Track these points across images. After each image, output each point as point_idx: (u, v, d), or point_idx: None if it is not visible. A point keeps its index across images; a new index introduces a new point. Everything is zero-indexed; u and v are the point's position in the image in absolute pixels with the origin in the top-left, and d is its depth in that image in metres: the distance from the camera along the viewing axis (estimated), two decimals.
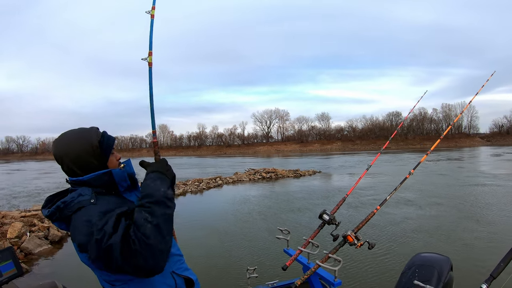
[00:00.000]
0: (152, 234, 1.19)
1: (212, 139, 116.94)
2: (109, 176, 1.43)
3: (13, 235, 7.09)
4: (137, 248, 1.15)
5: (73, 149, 1.41)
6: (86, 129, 1.48)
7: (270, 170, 22.89)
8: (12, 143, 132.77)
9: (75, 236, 1.28)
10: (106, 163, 1.48)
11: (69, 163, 1.41)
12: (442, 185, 15.06)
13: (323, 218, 2.42)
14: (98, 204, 1.32)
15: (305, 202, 12.00)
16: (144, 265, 1.17)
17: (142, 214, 1.24)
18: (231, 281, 5.04)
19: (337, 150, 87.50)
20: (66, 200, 1.35)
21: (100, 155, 1.45)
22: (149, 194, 1.31)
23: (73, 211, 1.31)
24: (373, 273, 5.18)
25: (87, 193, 1.36)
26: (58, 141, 1.46)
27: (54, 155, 1.45)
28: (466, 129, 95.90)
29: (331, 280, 2.25)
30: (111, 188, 1.44)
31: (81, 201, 1.32)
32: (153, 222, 1.22)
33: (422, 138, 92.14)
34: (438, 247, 6.31)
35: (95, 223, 1.22)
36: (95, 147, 1.43)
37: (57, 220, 1.37)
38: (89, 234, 1.21)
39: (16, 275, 2.01)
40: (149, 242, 1.17)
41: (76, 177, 1.42)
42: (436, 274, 2.24)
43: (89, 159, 1.42)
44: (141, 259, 1.16)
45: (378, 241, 6.47)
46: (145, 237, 1.17)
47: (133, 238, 1.16)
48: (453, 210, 9.63)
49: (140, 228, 1.19)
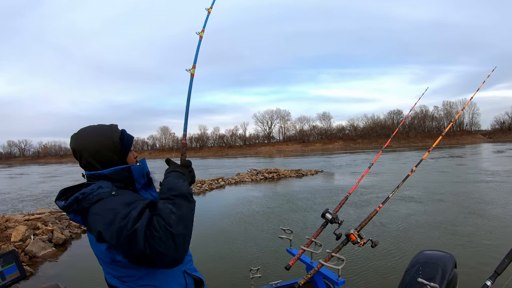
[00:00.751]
0: (175, 224, 1.21)
1: (214, 140, 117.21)
2: (128, 171, 1.47)
3: (17, 238, 7.11)
4: (161, 236, 1.17)
5: (94, 143, 1.45)
6: (106, 126, 1.53)
7: (272, 170, 22.87)
8: (14, 147, 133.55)
9: (95, 225, 1.28)
10: (126, 159, 1.52)
11: (89, 157, 1.45)
12: (444, 182, 15.02)
13: (326, 217, 2.42)
14: (119, 196, 1.35)
15: (308, 201, 11.98)
16: (167, 253, 1.18)
17: (166, 205, 1.27)
18: (234, 282, 5.03)
19: (339, 149, 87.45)
20: (86, 191, 1.36)
21: (121, 151, 1.49)
22: (172, 188, 1.35)
23: (92, 202, 1.33)
24: (377, 271, 5.16)
25: (108, 186, 1.39)
26: (78, 135, 1.50)
27: (73, 149, 1.48)
28: (468, 126, 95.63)
29: (335, 279, 2.25)
30: (128, 184, 1.48)
31: (101, 193, 1.35)
32: (176, 213, 1.24)
33: (423, 136, 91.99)
34: (441, 244, 6.29)
35: (119, 211, 1.24)
36: (116, 143, 1.48)
37: (73, 212, 1.39)
38: (112, 222, 1.23)
39: (19, 278, 2.00)
40: (173, 231, 1.19)
41: (95, 171, 1.45)
42: (440, 272, 2.24)
43: (109, 154, 1.46)
44: (164, 247, 1.17)
45: (381, 239, 6.45)
46: (169, 226, 1.20)
47: (157, 226, 1.19)
48: (456, 207, 9.60)
49: (164, 218, 1.21)
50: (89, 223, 1.34)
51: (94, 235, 1.30)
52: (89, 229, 1.35)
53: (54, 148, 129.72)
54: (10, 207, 14.21)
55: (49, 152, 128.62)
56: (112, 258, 1.28)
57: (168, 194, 1.32)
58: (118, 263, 1.30)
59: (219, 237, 7.71)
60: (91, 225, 1.32)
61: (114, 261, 1.30)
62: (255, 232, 8.08)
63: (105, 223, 1.25)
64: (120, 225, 1.20)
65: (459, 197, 11.14)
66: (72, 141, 1.49)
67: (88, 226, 1.35)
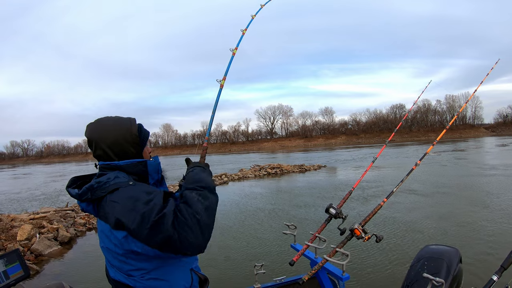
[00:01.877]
0: (202, 212, 1.24)
1: (216, 136, 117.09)
2: (144, 166, 1.47)
3: (23, 237, 7.16)
4: (189, 223, 1.19)
5: (112, 134, 1.44)
6: (125, 118, 1.53)
7: (275, 166, 22.88)
8: (17, 147, 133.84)
9: (112, 213, 1.26)
10: (142, 153, 1.53)
11: (106, 147, 1.43)
12: (448, 176, 14.97)
13: (330, 212, 2.40)
14: (138, 186, 1.34)
15: (311, 197, 11.99)
16: (193, 240, 1.19)
17: (193, 194, 1.30)
18: (238, 278, 5.02)
19: (342, 144, 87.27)
20: (101, 180, 1.34)
21: (138, 144, 1.50)
22: (199, 180, 1.39)
23: (108, 191, 1.31)
24: (381, 266, 5.15)
25: (125, 176, 1.38)
26: (95, 124, 1.48)
27: (88, 137, 1.46)
28: (471, 119, 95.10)
29: (339, 274, 2.24)
30: (142, 178, 1.46)
31: (118, 182, 1.33)
32: (204, 203, 1.27)
33: (426, 130, 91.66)
34: (446, 238, 6.28)
35: (140, 198, 1.24)
36: (134, 136, 1.48)
37: (86, 200, 1.36)
38: (133, 208, 1.22)
39: (23, 277, 1.99)
40: (200, 218, 1.22)
41: (109, 161, 1.44)
42: (445, 266, 2.22)
43: (127, 146, 1.46)
44: (191, 233, 1.19)
45: (385, 233, 6.44)
46: (197, 214, 1.22)
47: (185, 213, 1.21)
48: (460, 201, 9.58)
49: (192, 206, 1.24)
50: (104, 211, 1.31)
51: (110, 222, 1.27)
52: (103, 217, 1.31)
53: (57, 147, 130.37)
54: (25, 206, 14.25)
55: (52, 151, 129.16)
56: (127, 248, 1.26)
57: (195, 185, 1.35)
58: (132, 254, 1.28)
59: (223, 233, 7.73)
60: (107, 213, 1.29)
61: (128, 252, 1.27)
62: (259, 228, 8.10)
63: (126, 209, 1.23)
64: (144, 211, 1.20)
65: (464, 191, 11.11)
66: (88, 130, 1.47)
67: (103, 214, 1.31)
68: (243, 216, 9.51)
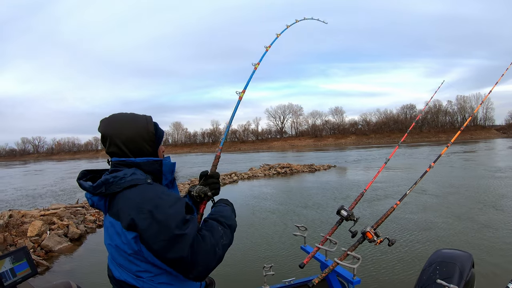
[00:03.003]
0: (221, 248, 1.31)
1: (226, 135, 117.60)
2: (159, 165, 1.44)
3: (33, 233, 7.25)
4: (209, 252, 1.24)
5: (127, 130, 1.40)
6: (140, 115, 1.49)
7: (285, 165, 22.80)
8: (28, 144, 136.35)
9: (127, 211, 1.22)
10: (157, 151, 1.50)
11: (120, 143, 1.39)
12: (461, 178, 14.72)
13: (341, 214, 2.37)
14: (156, 186, 1.32)
15: (321, 197, 11.90)
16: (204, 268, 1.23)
17: (219, 229, 1.37)
18: (247, 279, 5.01)
19: (352, 144, 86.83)
20: (118, 175, 1.31)
21: (154, 142, 1.47)
22: (228, 217, 1.48)
23: (124, 187, 1.27)
24: (392, 270, 5.07)
25: (142, 174, 1.35)
26: (110, 120, 1.44)
27: (102, 133, 1.41)
28: (482, 121, 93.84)
29: (350, 278, 2.21)
30: (156, 178, 1.43)
31: (135, 179, 1.30)
32: (225, 240, 1.35)
33: (437, 130, 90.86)
34: (458, 242, 6.17)
35: (162, 204, 1.23)
36: (151, 134, 1.45)
37: (99, 194, 1.32)
38: (151, 213, 1.19)
39: (30, 275, 2.00)
40: (217, 251, 1.28)
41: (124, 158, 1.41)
42: (457, 271, 2.17)
43: (143, 144, 1.42)
44: (205, 261, 1.23)
45: (396, 236, 6.35)
46: (217, 246, 1.28)
47: (208, 240, 1.26)
48: (473, 203, 9.40)
49: (216, 238, 1.30)
50: (118, 208, 1.26)
51: (123, 221, 1.23)
52: (115, 214, 1.27)
53: (68, 144, 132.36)
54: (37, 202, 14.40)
55: (63, 148, 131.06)
56: (137, 249, 1.22)
57: (223, 220, 1.43)
58: (139, 256, 1.24)
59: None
60: (121, 210, 1.25)
61: (137, 252, 1.24)
62: (268, 228, 8.06)
63: (142, 211, 1.19)
64: (164, 220, 1.18)
65: (477, 193, 10.90)
66: (103, 125, 1.42)
67: (116, 211, 1.27)
68: (252, 216, 9.47)
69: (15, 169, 51.76)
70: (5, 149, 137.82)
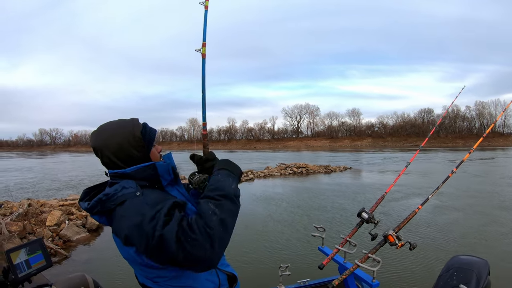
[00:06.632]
0: (216, 226, 1.15)
1: (242, 133, 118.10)
2: (152, 169, 1.38)
3: (52, 222, 7.45)
4: (198, 237, 1.11)
5: (114, 140, 1.36)
6: (126, 120, 1.44)
7: (301, 165, 22.76)
8: (46, 135, 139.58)
9: (121, 229, 1.23)
10: (149, 155, 1.43)
11: (110, 155, 1.36)
12: (478, 185, 14.38)
13: (362, 216, 2.36)
14: (145, 197, 1.26)
15: (338, 198, 11.82)
16: (202, 257, 1.11)
17: (209, 205, 1.20)
18: (262, 278, 4.92)
19: (368, 146, 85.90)
20: (109, 192, 1.29)
21: (143, 146, 1.40)
22: (220, 187, 1.27)
23: (117, 203, 1.26)
24: (408, 274, 5.01)
25: (132, 186, 1.30)
26: (98, 132, 1.41)
27: (93, 147, 1.40)
28: (500, 128, 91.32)
29: (369, 281, 2.20)
30: (154, 182, 1.39)
31: (125, 193, 1.27)
32: (219, 216, 1.18)
33: (454, 136, 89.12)
34: (475, 249, 6.06)
35: (146, 214, 1.17)
36: (137, 138, 1.39)
37: (98, 213, 1.33)
38: (138, 225, 1.16)
39: (45, 267, 1.99)
40: (212, 233, 1.13)
41: (117, 169, 1.38)
42: (475, 278, 2.16)
43: (131, 151, 1.37)
44: (200, 249, 1.10)
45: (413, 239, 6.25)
46: (208, 227, 1.13)
47: (194, 227, 1.12)
48: (490, 211, 9.20)
49: (205, 218, 1.15)
50: (115, 226, 1.28)
51: (120, 238, 1.25)
52: (115, 232, 1.30)
53: (84, 137, 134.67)
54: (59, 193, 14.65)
55: (80, 141, 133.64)
56: (142, 262, 1.23)
57: (214, 194, 1.25)
58: (147, 265, 1.25)
59: (248, 231, 7.69)
60: (117, 229, 1.27)
61: (143, 264, 1.25)
62: (285, 228, 8.02)
63: (131, 226, 1.18)
64: (147, 229, 1.13)
65: (495, 201, 10.65)
66: (92, 139, 1.41)
67: (114, 229, 1.29)
68: (269, 214, 9.45)
69: (32, 160, 52.98)
70: (22, 139, 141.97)
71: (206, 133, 1.67)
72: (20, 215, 7.63)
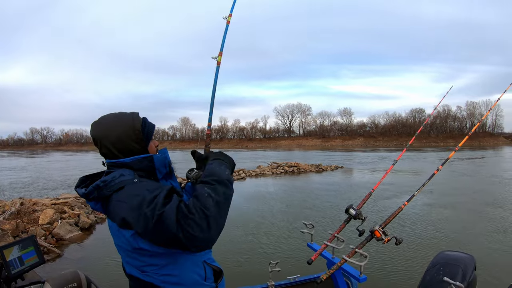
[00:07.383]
0: (212, 207, 1.19)
1: (234, 132, 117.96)
2: (150, 160, 1.44)
3: (44, 221, 7.42)
4: (196, 218, 1.15)
5: (115, 131, 1.43)
6: (127, 113, 1.50)
7: (292, 164, 22.95)
8: (37, 134, 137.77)
9: (118, 212, 1.26)
10: (147, 148, 1.50)
11: (109, 145, 1.42)
12: (466, 183, 14.70)
13: (350, 213, 2.40)
14: (143, 183, 1.32)
15: (328, 196, 11.98)
16: (201, 236, 1.15)
17: (205, 189, 1.25)
18: (252, 274, 5.03)
19: (359, 146, 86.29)
20: (107, 179, 1.33)
21: (142, 140, 1.47)
22: (214, 173, 1.33)
23: (114, 190, 1.30)
24: (395, 269, 5.12)
25: (130, 174, 1.36)
26: (98, 123, 1.48)
27: (93, 136, 1.46)
28: (491, 128, 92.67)
29: (357, 275, 2.25)
30: (150, 173, 1.44)
31: (123, 180, 1.32)
32: (214, 198, 1.22)
33: (445, 136, 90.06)
34: (461, 244, 6.20)
35: (145, 197, 1.21)
36: (137, 131, 1.45)
37: (94, 199, 1.36)
38: (138, 207, 1.20)
39: (38, 263, 2.05)
40: (208, 213, 1.17)
41: (115, 159, 1.44)
42: (460, 273, 2.21)
43: (130, 143, 1.44)
44: (198, 228, 1.14)
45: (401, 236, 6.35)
46: (205, 208, 1.18)
47: (192, 209, 1.17)
48: (477, 209, 9.40)
49: (201, 200, 1.20)
50: (111, 210, 1.31)
51: (117, 222, 1.27)
52: (110, 216, 1.32)
53: (76, 136, 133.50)
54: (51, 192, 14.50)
55: (71, 140, 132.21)
56: (136, 246, 1.26)
57: (208, 179, 1.30)
58: (140, 251, 1.28)
59: (239, 228, 7.76)
60: (113, 212, 1.30)
61: (137, 249, 1.27)
62: (274, 225, 8.11)
63: (130, 208, 1.22)
64: (147, 210, 1.17)
65: (481, 199, 10.86)
66: (93, 128, 1.47)
67: (110, 213, 1.32)
68: (260, 212, 9.52)
69: (24, 159, 52.23)
70: (13, 138, 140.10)
71: (210, 133, 1.76)
72: (13, 214, 7.57)
